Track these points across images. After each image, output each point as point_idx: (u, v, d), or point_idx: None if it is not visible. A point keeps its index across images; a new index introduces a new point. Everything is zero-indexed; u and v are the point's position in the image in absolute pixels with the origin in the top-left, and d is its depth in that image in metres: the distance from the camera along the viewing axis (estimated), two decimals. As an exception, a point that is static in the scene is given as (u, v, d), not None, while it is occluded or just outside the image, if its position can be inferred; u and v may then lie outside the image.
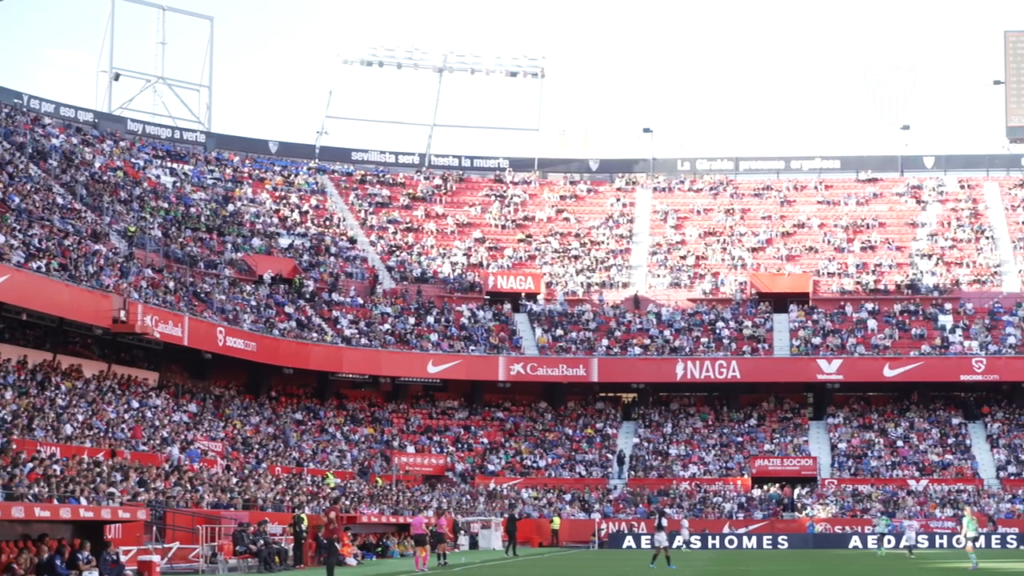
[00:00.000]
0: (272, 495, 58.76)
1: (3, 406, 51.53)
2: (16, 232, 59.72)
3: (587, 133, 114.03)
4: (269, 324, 75.30)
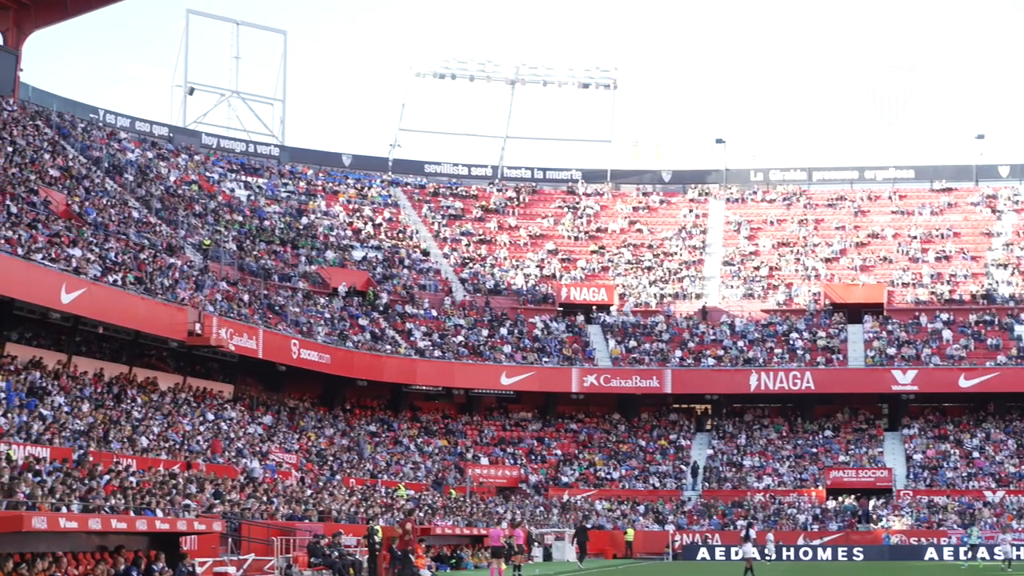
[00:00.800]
0: (346, 507, 58.92)
1: (80, 418, 51.95)
2: (93, 246, 60.17)
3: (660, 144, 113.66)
4: (343, 336, 75.54)
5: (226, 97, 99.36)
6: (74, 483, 40.34)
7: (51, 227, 58.60)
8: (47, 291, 52.37)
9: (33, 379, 53.26)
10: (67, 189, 66.37)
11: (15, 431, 45.73)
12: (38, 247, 54.15)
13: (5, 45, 74.95)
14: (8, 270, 49.91)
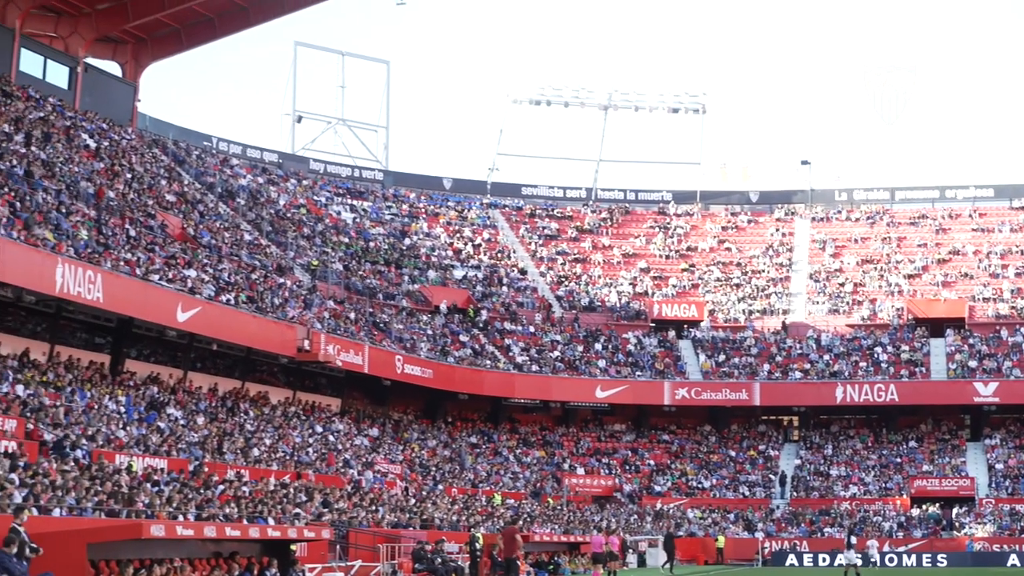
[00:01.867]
0: (449, 515, 58.96)
1: (196, 431, 52.32)
2: (207, 267, 60.62)
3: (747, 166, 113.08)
4: (445, 352, 75.69)
5: (333, 124, 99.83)
6: (190, 493, 40.61)
7: (168, 249, 59.08)
8: (164, 310, 52.79)
9: (151, 394, 53.71)
10: (183, 213, 66.91)
11: (135, 443, 46.10)
12: (155, 268, 54.59)
13: (124, 77, 75.70)
14: (128, 290, 50.35)
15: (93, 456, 41.01)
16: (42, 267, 45.59)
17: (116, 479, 37.67)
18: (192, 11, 72.44)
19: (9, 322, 50.64)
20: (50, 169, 56.76)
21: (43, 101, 65.47)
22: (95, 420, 45.93)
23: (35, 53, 68.30)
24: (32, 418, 41.84)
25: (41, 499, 31.77)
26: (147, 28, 73.39)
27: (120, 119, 73.62)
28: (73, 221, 52.52)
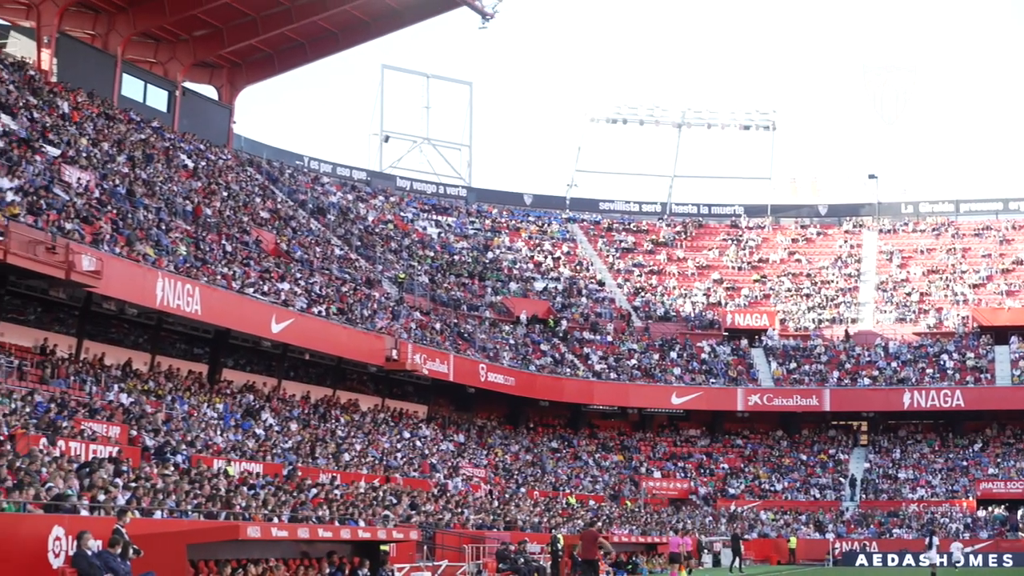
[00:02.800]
0: (531, 517, 58.90)
1: (290, 437, 52.55)
2: (299, 281, 60.89)
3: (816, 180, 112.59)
4: (526, 361, 75.67)
5: (418, 144, 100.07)
6: (284, 496, 40.78)
7: (262, 264, 59.40)
8: (259, 322, 53.10)
9: (247, 401, 54.01)
10: (276, 229, 67.26)
11: (232, 449, 46.34)
12: (251, 282, 54.90)
13: (220, 100, 76.23)
14: (224, 303, 50.67)
15: (192, 461, 41.26)
16: (144, 281, 45.94)
17: (214, 483, 37.86)
18: (284, 36, 72.87)
19: (113, 334, 51.10)
20: (151, 188, 57.20)
21: (144, 124, 66.00)
22: (194, 427, 46.21)
23: (136, 78, 68.90)
24: (135, 425, 42.15)
25: (143, 502, 31.97)
26: (242, 53, 73.89)
27: (217, 140, 74.13)
28: (172, 237, 52.89)
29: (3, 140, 47.91)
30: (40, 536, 26.37)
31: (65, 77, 62.08)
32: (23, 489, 27.84)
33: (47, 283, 43.04)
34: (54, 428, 36.32)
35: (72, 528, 26.24)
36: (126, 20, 66.36)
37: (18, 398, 37.65)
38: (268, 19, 69.81)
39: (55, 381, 42.77)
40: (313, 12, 69.92)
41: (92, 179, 51.87)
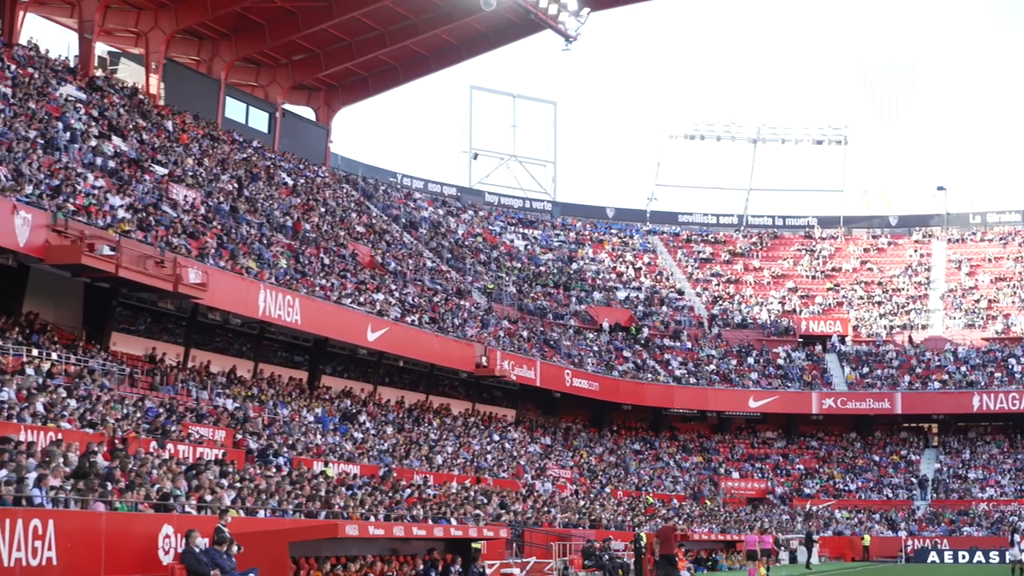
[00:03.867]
0: (615, 516, 58.76)
1: (385, 440, 52.70)
2: (393, 291, 61.09)
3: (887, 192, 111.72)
4: (609, 366, 75.50)
5: (505, 160, 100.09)
6: (380, 496, 40.85)
7: (358, 276, 59.64)
8: (356, 331, 53.31)
9: (345, 406, 54.21)
10: (371, 243, 67.52)
11: (330, 451, 46.51)
12: (347, 293, 55.13)
13: (317, 121, 76.64)
14: (323, 313, 50.93)
15: (293, 463, 41.44)
16: (247, 293, 46.25)
17: (314, 483, 38.00)
18: (378, 60, 73.17)
19: (218, 343, 51.47)
20: (253, 205, 57.58)
21: (246, 144, 66.47)
22: (295, 430, 46.43)
23: (238, 101, 69.41)
24: (239, 429, 42.41)
25: (247, 502, 32.13)
26: (338, 76, 74.26)
27: (315, 159, 74.54)
28: (274, 251, 53.21)
29: (115, 160, 48.40)
30: (151, 534, 26.57)
31: (172, 100, 62.64)
32: (135, 490, 28.07)
33: (156, 295, 43.41)
34: (163, 432, 36.58)
35: (180, 527, 26.43)
36: (229, 46, 66.89)
37: (130, 404, 37.96)
38: (363, 43, 70.14)
39: (164, 388, 43.12)
40: (405, 36, 70.15)
41: (198, 197, 52.28)
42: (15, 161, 39.82)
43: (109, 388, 38.59)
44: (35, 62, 52.91)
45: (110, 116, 53.10)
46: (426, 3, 67.06)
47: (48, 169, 41.73)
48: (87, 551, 24.79)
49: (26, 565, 23.18)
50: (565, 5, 68.36)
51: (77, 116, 49.55)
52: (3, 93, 45.68)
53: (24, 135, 43.03)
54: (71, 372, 37.81)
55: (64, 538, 24.07)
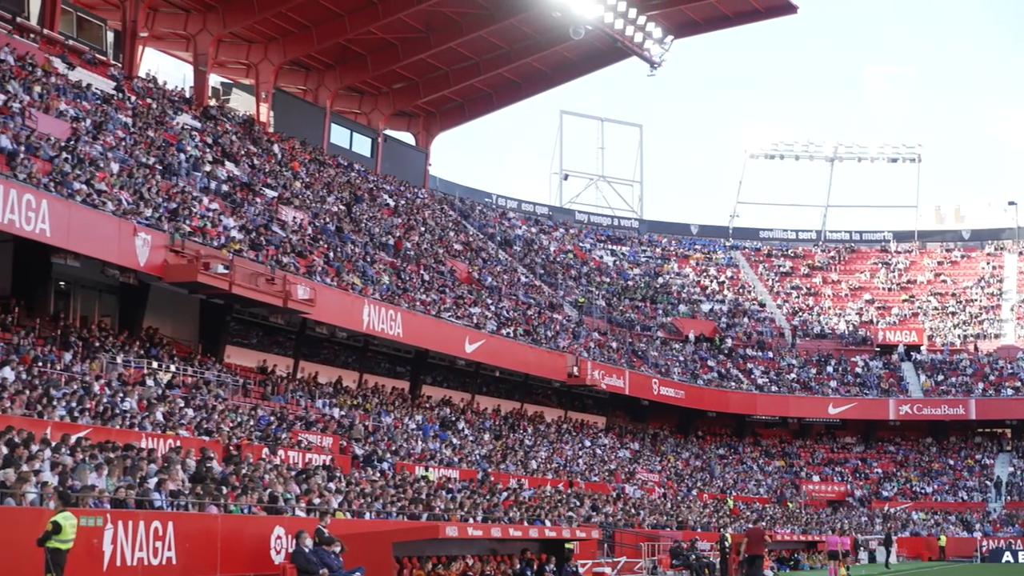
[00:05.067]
0: (701, 517, 58.44)
1: (482, 446, 52.75)
2: (489, 305, 61.16)
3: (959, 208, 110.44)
4: (695, 376, 75.16)
5: (594, 181, 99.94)
6: (479, 499, 40.87)
7: (456, 291, 59.78)
8: (454, 343, 53.45)
9: (444, 414, 54.31)
10: (468, 260, 67.67)
11: (431, 457, 46.60)
12: (446, 308, 55.27)
13: (417, 145, 76.98)
14: (423, 327, 51.09)
15: (396, 468, 41.57)
16: (352, 308, 46.50)
17: (416, 487, 38.10)
18: (473, 87, 73.38)
19: (325, 355, 51.81)
20: (357, 225, 57.91)
21: (350, 168, 66.89)
22: (398, 437, 46.57)
23: (343, 127, 69.85)
24: (345, 436, 42.61)
25: (353, 504, 32.26)
26: (435, 103, 74.58)
27: (414, 181, 74.85)
28: (377, 268, 53.47)
29: (228, 184, 48.86)
30: (263, 535, 26.75)
31: (280, 127, 63.16)
32: (248, 493, 28.26)
33: (267, 310, 43.75)
34: (275, 439, 36.84)
35: (291, 528, 26.58)
36: (333, 76, 67.39)
37: (243, 413, 38.27)
38: (459, 72, 70.38)
39: (275, 397, 43.44)
40: (498, 65, 70.33)
41: (305, 218, 52.66)
42: (136, 186, 40.31)
43: (224, 398, 38.94)
44: (153, 93, 53.57)
45: (223, 143, 53.63)
46: (518, 33, 67.21)
47: (166, 193, 42.21)
48: (204, 551, 25.00)
49: (147, 564, 23.43)
50: (650, 33, 68.21)
51: (193, 143, 50.10)
52: (124, 122, 46.26)
53: (144, 162, 43.55)
54: (188, 383, 38.19)
55: (182, 539, 24.30)
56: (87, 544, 21.40)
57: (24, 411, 28.14)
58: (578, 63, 74.33)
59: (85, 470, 24.24)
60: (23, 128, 37.24)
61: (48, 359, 33.15)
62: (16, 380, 29.93)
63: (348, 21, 61.44)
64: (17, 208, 31.61)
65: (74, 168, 37.19)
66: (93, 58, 50.93)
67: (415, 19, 63.22)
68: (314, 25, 61.54)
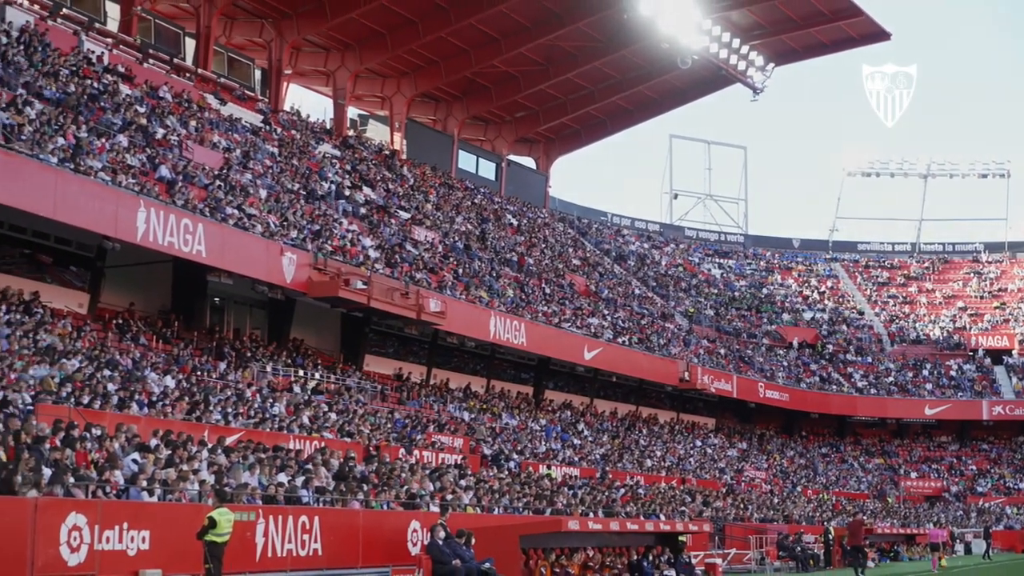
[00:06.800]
0: (805, 512, 57.80)
1: (601, 446, 52.61)
2: (606, 316, 61.02)
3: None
4: (798, 379, 74.37)
5: (702, 199, 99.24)
6: (598, 495, 40.76)
7: (575, 303, 59.72)
8: (574, 351, 53.40)
9: (565, 417, 54.27)
10: (586, 274, 67.59)
11: (554, 456, 46.57)
12: (566, 318, 55.24)
13: (537, 169, 77.07)
14: (545, 336, 51.12)
15: (522, 466, 41.58)
16: (479, 319, 46.65)
17: (540, 484, 38.07)
18: (589, 115, 73.31)
19: (456, 363, 52.01)
20: (483, 243, 58.08)
21: (476, 191, 67.14)
22: (523, 438, 46.60)
23: (469, 153, 70.13)
24: (474, 437, 42.70)
25: (483, 500, 32.30)
26: (554, 130, 74.60)
27: (535, 202, 74.95)
28: (502, 283, 53.58)
29: (365, 207, 49.27)
30: (401, 528, 26.88)
31: (412, 154, 63.62)
32: (387, 490, 28.41)
33: (402, 322, 44.01)
34: (410, 440, 37.02)
35: (426, 522, 26.67)
36: (461, 107, 67.71)
37: (381, 416, 38.52)
38: (575, 101, 70.36)
39: (410, 402, 43.67)
40: (612, 93, 70.21)
41: (436, 237, 52.92)
42: (282, 210, 40.78)
43: (363, 403, 39.25)
44: (297, 125, 54.22)
45: (361, 170, 54.11)
46: (630, 63, 67.06)
47: (310, 216, 42.65)
48: (347, 543, 25.17)
49: (296, 555, 23.66)
50: (752, 61, 67.66)
51: (333, 171, 50.62)
52: (271, 152, 46.85)
53: (289, 188, 44.07)
54: (331, 389, 38.54)
55: (328, 532, 24.50)
56: (241, 537, 21.63)
57: (184, 416, 28.56)
58: (686, 90, 73.97)
59: (239, 469, 24.53)
60: (181, 159, 37.87)
61: (205, 368, 33.62)
62: (177, 387, 30.39)
63: (474, 56, 61.78)
64: (176, 231, 32.17)
65: (227, 194, 37.73)
66: (243, 94, 51.66)
67: (535, 53, 63.33)
68: (443, 60, 61.94)
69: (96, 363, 28.58)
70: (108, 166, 32.14)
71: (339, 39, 58.19)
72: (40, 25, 38.54)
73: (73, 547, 19.04)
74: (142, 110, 38.71)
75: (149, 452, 23.29)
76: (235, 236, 35.18)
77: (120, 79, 40.02)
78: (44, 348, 27.60)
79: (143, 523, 20.36)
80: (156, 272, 36.31)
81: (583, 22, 60.73)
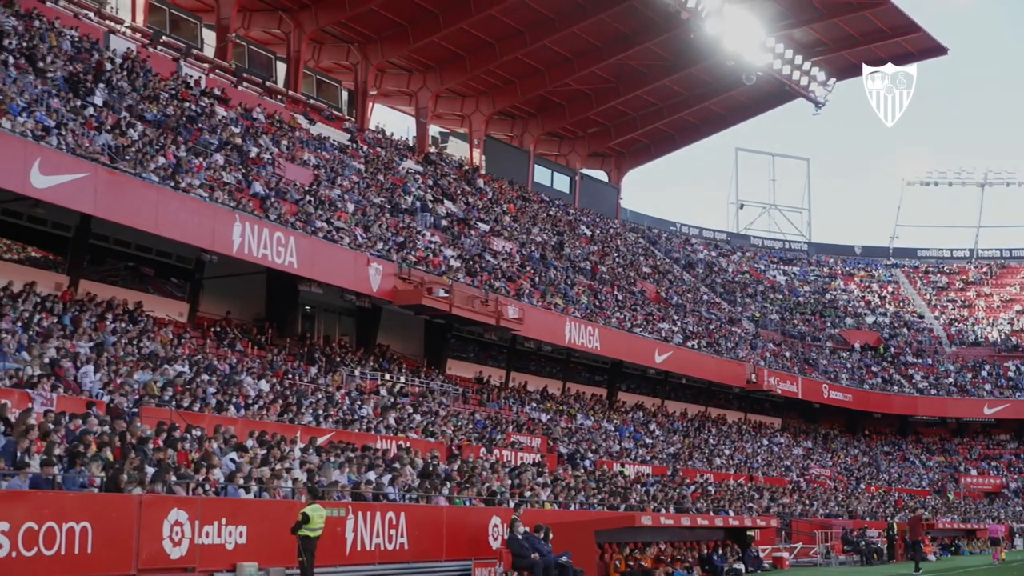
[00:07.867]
0: (869, 508, 57.19)
1: (672, 445, 52.38)
2: (675, 321, 60.76)
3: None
4: (860, 381, 73.63)
5: (766, 209, 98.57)
6: (669, 491, 40.58)
7: (646, 309, 59.52)
8: (645, 354, 53.24)
9: (637, 417, 54.09)
10: (656, 281, 67.36)
11: (627, 455, 46.43)
12: (637, 324, 55.07)
13: (609, 182, 76.94)
14: (618, 341, 51.00)
15: (597, 465, 41.49)
16: (555, 325, 46.63)
17: (614, 482, 37.97)
18: (658, 129, 73.10)
19: (533, 366, 52.00)
20: (559, 253, 58.05)
21: (552, 203, 67.14)
22: (597, 438, 46.51)
23: (544, 167, 70.16)
24: (551, 437, 42.67)
25: (560, 497, 32.26)
26: (625, 144, 74.45)
27: (608, 213, 74.83)
28: (576, 290, 53.53)
29: (447, 220, 49.42)
30: (482, 524, 26.89)
31: (491, 169, 63.77)
32: (468, 488, 28.45)
33: (482, 328, 44.09)
34: (490, 440, 37.05)
35: (506, 517, 26.65)
36: (536, 124, 67.78)
37: (463, 417, 38.59)
38: (645, 117, 70.19)
39: (490, 404, 43.72)
40: (680, 109, 69.98)
41: (514, 247, 52.98)
42: (368, 223, 41.00)
43: (446, 405, 39.34)
44: (382, 143, 54.51)
45: (442, 184, 54.29)
46: (696, 80, 66.79)
47: (394, 228, 42.84)
48: (431, 538, 25.22)
49: (384, 549, 23.73)
50: (814, 77, 67.11)
51: (416, 185, 50.82)
52: (358, 169, 47.14)
53: (375, 202, 44.30)
54: (416, 392, 38.66)
55: (413, 527, 24.55)
56: (332, 532, 21.74)
57: (277, 417, 28.79)
58: (750, 105, 73.54)
59: (329, 468, 24.67)
60: (273, 176, 38.20)
61: (297, 373, 33.88)
62: (271, 391, 30.64)
63: (548, 75, 61.81)
64: (269, 244, 32.46)
65: (316, 209, 38.01)
66: (331, 114, 52.06)
67: (606, 71, 63.25)
68: (518, 79, 62.04)
69: (196, 368, 28.89)
70: (206, 183, 32.50)
71: (421, 61, 58.49)
72: (141, 52, 39.06)
73: (175, 541, 19.24)
74: (237, 130, 39.12)
75: (245, 452, 23.48)
76: (324, 248, 35.43)
77: (216, 102, 40.48)
78: (147, 354, 27.96)
79: (240, 519, 20.52)
80: (251, 282, 36.68)
81: (652, 42, 60.59)
